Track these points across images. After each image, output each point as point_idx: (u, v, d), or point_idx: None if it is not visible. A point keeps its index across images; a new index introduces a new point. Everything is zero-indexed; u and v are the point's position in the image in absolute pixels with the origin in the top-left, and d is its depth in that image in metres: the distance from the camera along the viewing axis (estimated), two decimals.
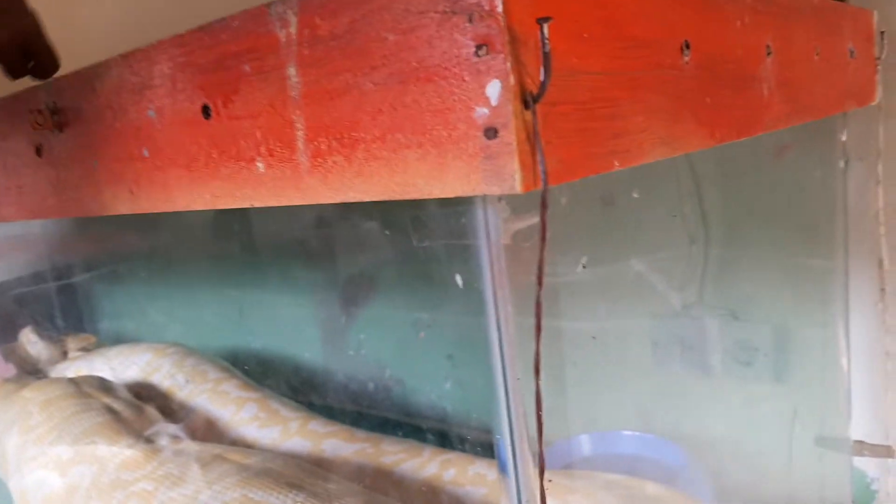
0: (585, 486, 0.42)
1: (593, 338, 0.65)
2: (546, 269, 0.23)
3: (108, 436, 0.51)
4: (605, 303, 0.64)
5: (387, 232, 0.74)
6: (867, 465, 0.55)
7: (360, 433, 0.57)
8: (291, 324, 0.92)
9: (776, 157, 0.55)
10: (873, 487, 0.55)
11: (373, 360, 0.84)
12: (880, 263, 0.52)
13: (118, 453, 0.49)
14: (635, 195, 0.61)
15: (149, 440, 0.51)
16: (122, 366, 0.77)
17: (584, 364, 0.66)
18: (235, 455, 0.46)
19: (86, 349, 0.98)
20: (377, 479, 0.46)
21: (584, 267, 0.43)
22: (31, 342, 0.97)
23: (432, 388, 0.81)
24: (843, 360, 0.54)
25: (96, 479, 0.47)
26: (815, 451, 0.55)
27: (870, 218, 0.53)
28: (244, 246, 0.93)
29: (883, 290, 0.52)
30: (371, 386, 0.82)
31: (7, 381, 0.80)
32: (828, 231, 0.54)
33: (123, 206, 0.33)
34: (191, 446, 0.49)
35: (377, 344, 0.84)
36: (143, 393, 0.69)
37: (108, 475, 0.47)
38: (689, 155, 0.59)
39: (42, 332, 0.99)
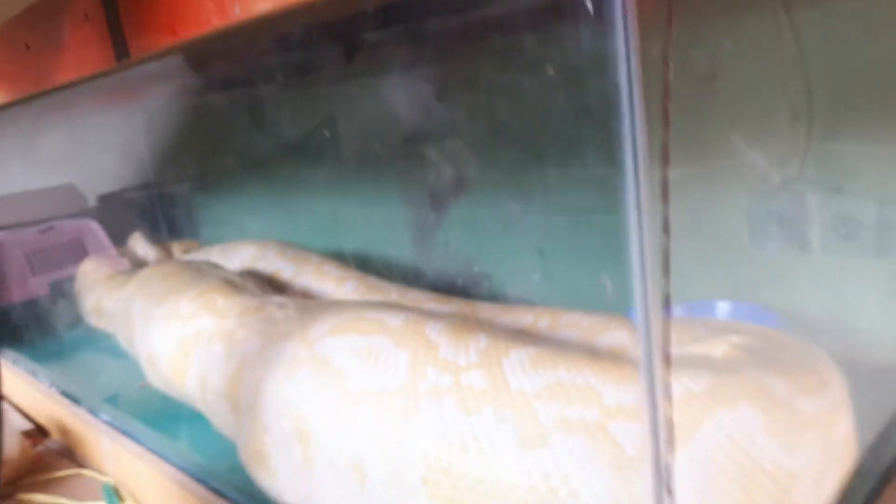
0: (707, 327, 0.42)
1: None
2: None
3: (225, 294, 0.55)
4: (700, 179, 0.64)
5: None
6: None
7: (458, 300, 0.59)
8: (383, 226, 0.95)
9: None
10: None
11: (461, 257, 0.86)
12: None
13: (237, 304, 0.52)
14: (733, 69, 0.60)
15: (259, 297, 0.54)
16: (226, 258, 0.81)
17: (675, 239, 0.66)
18: (343, 302, 0.48)
19: (188, 252, 1.03)
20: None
21: None
22: (141, 246, 1.04)
23: (520, 281, 0.82)
24: None
25: (217, 326, 0.51)
26: None
27: None
28: (336, 154, 0.96)
29: None
30: (459, 281, 0.84)
31: (123, 272, 0.87)
32: None
33: None
34: (298, 300, 0.53)
35: (466, 240, 0.86)
36: (256, 279, 0.73)
37: (228, 322, 0.51)
38: (795, 24, 0.57)
39: (149, 237, 1.06)
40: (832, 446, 0.33)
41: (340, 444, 0.34)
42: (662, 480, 0.23)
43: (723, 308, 0.55)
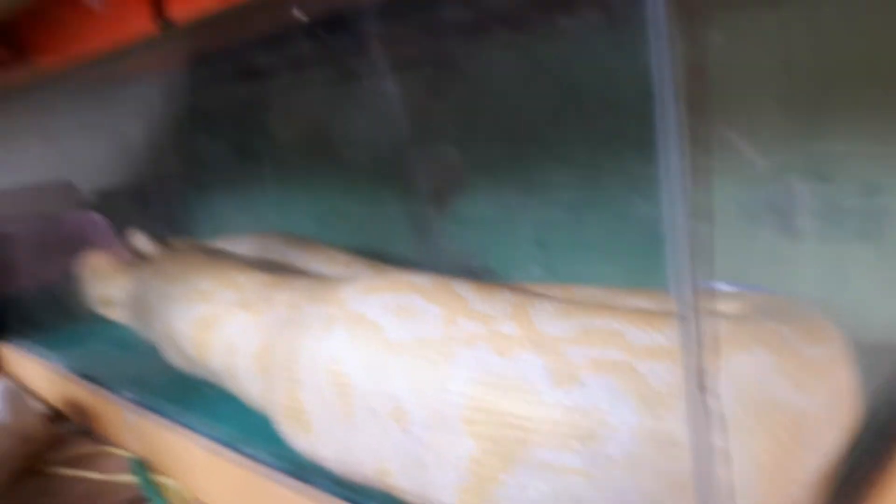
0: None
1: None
2: None
3: (243, 270, 0.57)
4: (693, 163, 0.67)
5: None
6: None
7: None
8: (383, 222, 0.97)
9: None
10: None
11: (462, 251, 0.88)
12: None
13: (257, 278, 0.54)
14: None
15: (277, 273, 0.56)
16: (233, 247, 0.83)
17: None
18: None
19: None
20: None
21: None
22: (141, 242, 1.05)
23: (523, 275, 0.85)
24: None
25: (238, 298, 0.53)
26: None
27: None
28: (336, 150, 0.98)
29: None
30: (460, 276, 0.87)
31: (129, 264, 0.88)
32: None
33: None
34: (317, 277, 0.55)
35: (467, 235, 0.88)
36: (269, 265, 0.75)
37: (250, 294, 0.53)
38: (783, 18, 0.60)
39: (150, 236, 1.07)
40: (836, 392, 0.35)
41: (380, 392, 0.37)
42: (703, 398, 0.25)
43: (725, 289, 0.58)
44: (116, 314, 0.83)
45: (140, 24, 0.43)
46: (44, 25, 0.65)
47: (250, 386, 0.49)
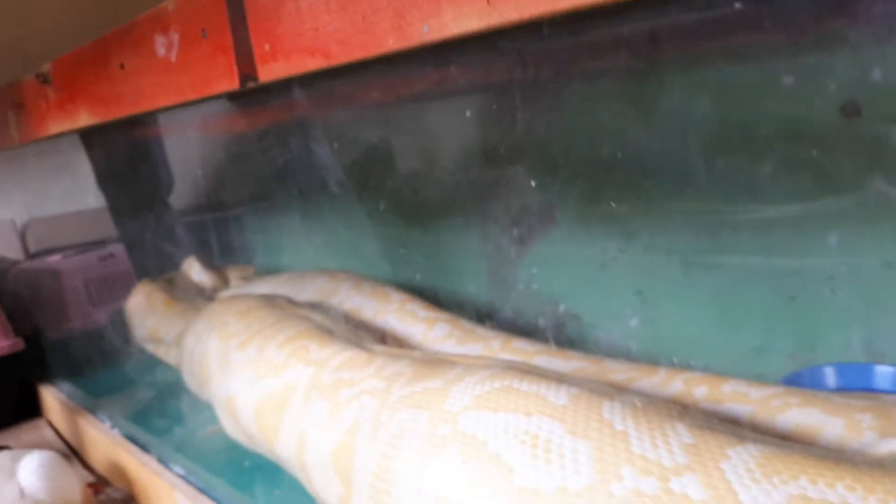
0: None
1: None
2: None
3: (319, 340, 0.49)
4: (838, 222, 0.57)
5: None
6: None
7: (574, 352, 0.53)
8: (456, 257, 0.89)
9: None
10: None
11: (545, 295, 0.80)
12: None
13: (335, 353, 0.47)
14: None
15: (359, 345, 0.48)
16: (296, 289, 0.76)
17: (805, 278, 0.60)
18: (463, 358, 0.42)
19: (245, 279, 0.99)
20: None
21: None
22: (196, 271, 0.99)
23: (614, 325, 0.76)
24: None
25: (314, 379, 0.45)
26: None
27: None
28: (403, 178, 0.91)
29: None
30: (541, 322, 0.79)
31: (180, 299, 0.81)
32: None
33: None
34: (409, 352, 0.47)
35: (552, 278, 0.80)
36: (339, 318, 0.67)
37: (328, 375, 0.45)
38: None
39: (204, 261, 1.01)
40: None
41: None
42: None
43: (885, 374, 0.48)
44: (165, 354, 0.76)
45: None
46: None
47: (324, 486, 0.41)
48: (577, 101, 0.71)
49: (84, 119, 0.59)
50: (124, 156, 0.96)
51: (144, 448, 0.58)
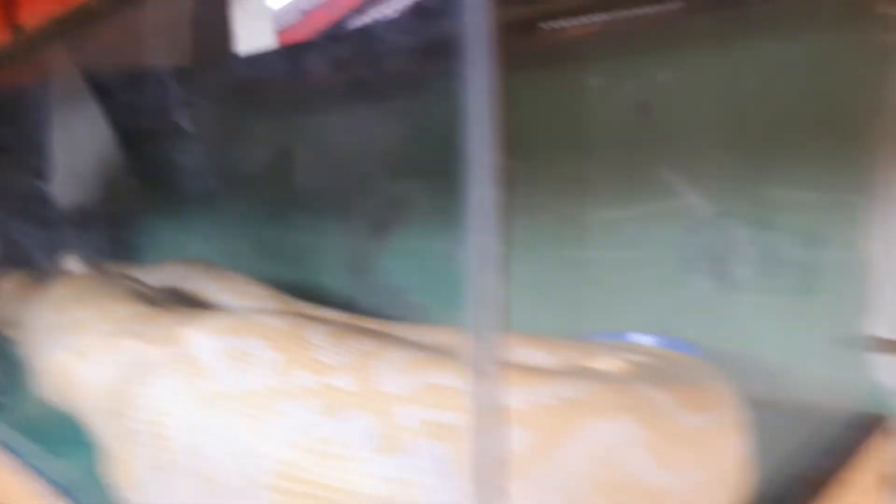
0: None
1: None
2: None
3: (126, 301, 0.53)
4: (633, 213, 0.63)
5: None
6: (889, 379, 0.53)
7: (366, 317, 0.57)
8: (324, 254, 0.93)
9: None
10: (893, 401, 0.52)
11: (397, 286, 0.84)
12: None
13: (135, 311, 0.50)
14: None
15: (161, 306, 0.52)
16: (151, 274, 0.78)
17: (607, 268, 0.65)
18: None
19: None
20: None
21: None
22: (75, 266, 1.00)
23: (457, 312, 0.81)
24: (870, 265, 0.52)
25: (113, 330, 0.48)
26: (835, 356, 0.53)
27: None
28: (284, 182, 0.95)
29: None
30: (391, 311, 0.82)
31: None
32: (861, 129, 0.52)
33: None
34: (196, 310, 0.50)
35: (404, 271, 0.84)
36: (172, 296, 0.70)
37: (123, 327, 0.48)
38: (732, 59, 0.57)
39: (84, 259, 1.02)
40: (716, 466, 0.31)
41: (197, 449, 0.32)
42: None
43: (641, 340, 0.53)
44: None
45: None
46: None
47: (103, 430, 0.44)
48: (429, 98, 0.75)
49: None
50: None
51: None
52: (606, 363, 0.34)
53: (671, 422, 0.29)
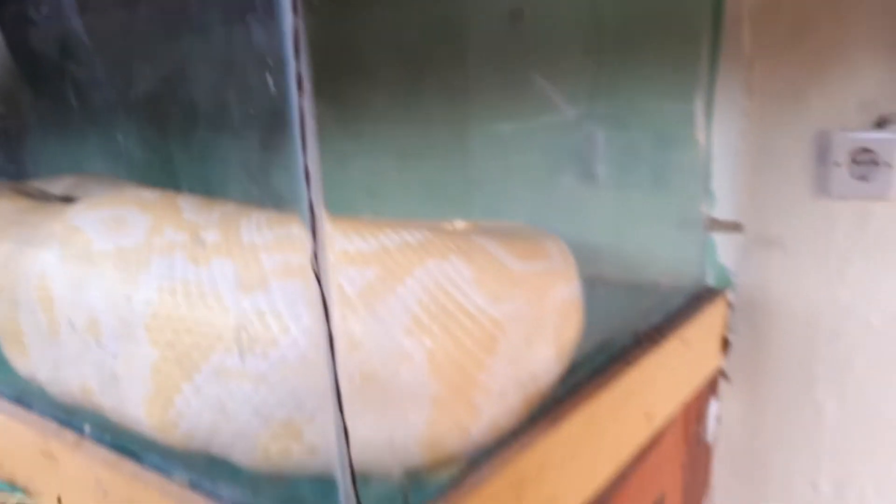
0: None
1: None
2: None
3: (10, 198, 0.54)
4: (509, 119, 0.68)
5: None
6: (727, 258, 0.60)
7: None
8: (216, 169, 0.94)
9: None
10: (731, 279, 0.60)
11: (289, 200, 0.86)
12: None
13: (20, 205, 0.51)
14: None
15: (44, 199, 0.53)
16: (45, 187, 0.78)
17: (488, 173, 0.70)
18: None
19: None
20: None
21: None
22: None
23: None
24: (710, 159, 0.59)
25: None
26: (682, 239, 0.60)
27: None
28: (168, 96, 0.94)
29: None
30: None
31: None
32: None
33: None
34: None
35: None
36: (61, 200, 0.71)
37: (8, 217, 0.49)
38: None
39: None
40: (545, 307, 0.36)
41: (79, 305, 0.35)
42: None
43: None
44: None
45: None
46: None
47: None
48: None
49: None
50: None
51: None
52: (452, 225, 0.39)
53: (499, 264, 0.34)
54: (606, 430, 0.38)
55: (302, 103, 0.24)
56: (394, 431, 0.31)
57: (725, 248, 0.60)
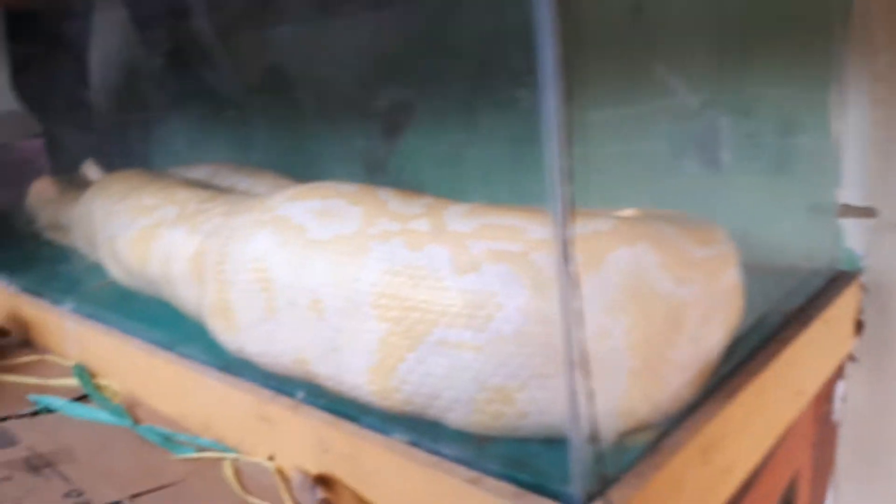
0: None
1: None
2: None
3: (186, 187, 0.59)
4: (631, 109, 0.70)
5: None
6: (854, 241, 0.61)
7: None
8: (338, 157, 0.99)
9: None
10: (859, 262, 0.61)
11: (410, 185, 0.90)
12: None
13: (197, 194, 0.56)
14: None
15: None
16: (183, 175, 0.84)
17: (608, 162, 0.72)
18: None
19: None
20: None
21: None
22: (93, 173, 1.05)
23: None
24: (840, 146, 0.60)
25: (179, 213, 0.55)
26: (811, 224, 0.61)
27: None
28: (289, 88, 0.99)
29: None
30: None
31: (76, 189, 0.89)
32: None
33: None
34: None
35: (417, 169, 0.90)
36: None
37: (190, 207, 0.54)
38: None
39: (102, 166, 1.07)
40: (718, 289, 0.39)
41: (300, 286, 0.39)
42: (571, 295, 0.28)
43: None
44: (66, 238, 0.84)
45: None
46: None
47: (185, 291, 0.51)
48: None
49: None
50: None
51: (39, 296, 0.66)
52: (623, 213, 0.42)
53: (680, 248, 0.37)
54: (768, 404, 0.41)
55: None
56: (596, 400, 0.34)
57: (853, 232, 0.62)
